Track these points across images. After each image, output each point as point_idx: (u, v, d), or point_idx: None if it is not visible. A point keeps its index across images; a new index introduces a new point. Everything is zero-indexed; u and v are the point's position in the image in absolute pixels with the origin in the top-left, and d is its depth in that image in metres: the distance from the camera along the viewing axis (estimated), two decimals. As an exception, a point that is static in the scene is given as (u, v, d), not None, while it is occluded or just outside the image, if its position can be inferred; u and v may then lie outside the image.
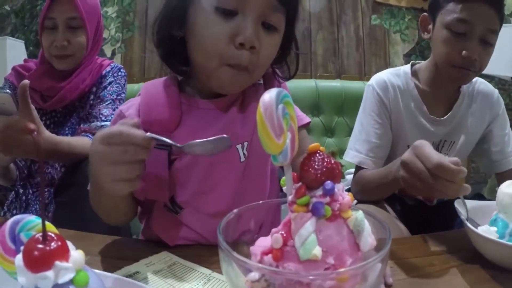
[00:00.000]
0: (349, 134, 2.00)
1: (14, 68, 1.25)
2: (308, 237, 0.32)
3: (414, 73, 1.11)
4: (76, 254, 0.33)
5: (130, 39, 2.40)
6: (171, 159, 0.70)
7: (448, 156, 0.68)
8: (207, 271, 0.60)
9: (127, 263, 0.61)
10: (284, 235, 0.34)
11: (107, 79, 1.23)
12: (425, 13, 1.07)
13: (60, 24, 1.16)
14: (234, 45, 0.63)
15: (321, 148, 0.36)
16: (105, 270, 0.57)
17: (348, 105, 1.93)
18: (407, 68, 1.12)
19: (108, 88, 1.21)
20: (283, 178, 0.37)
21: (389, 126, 1.08)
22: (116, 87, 1.22)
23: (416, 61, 1.15)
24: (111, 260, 0.63)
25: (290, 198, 0.36)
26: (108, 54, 2.38)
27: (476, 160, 1.24)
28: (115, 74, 1.24)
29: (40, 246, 0.32)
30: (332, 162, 0.35)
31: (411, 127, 1.08)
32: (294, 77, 0.82)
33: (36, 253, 0.31)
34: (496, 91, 1.14)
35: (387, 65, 2.49)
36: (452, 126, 1.09)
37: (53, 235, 0.32)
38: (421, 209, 1.15)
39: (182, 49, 0.70)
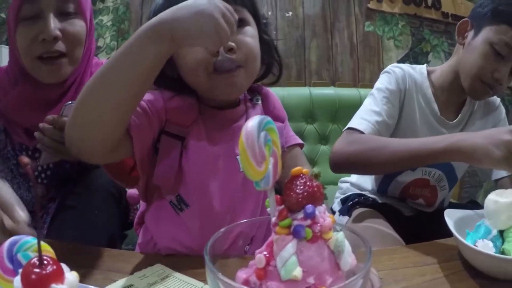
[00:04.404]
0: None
1: None
2: (289, 259, 0.34)
3: (428, 76, 1.12)
4: (71, 276, 0.35)
5: (125, 47, 2.42)
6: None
7: None
8: (199, 283, 0.61)
9: (121, 276, 0.63)
10: (267, 255, 0.36)
11: None
12: (466, 19, 1.07)
13: (46, 8, 0.81)
14: (214, 56, 0.68)
15: (304, 171, 0.38)
16: (99, 283, 0.59)
17: (342, 112, 1.93)
18: (423, 68, 1.13)
19: None
20: (267, 199, 0.39)
21: (397, 114, 1.06)
22: None
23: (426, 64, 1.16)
24: (105, 273, 0.64)
25: (273, 220, 0.38)
26: (104, 62, 2.40)
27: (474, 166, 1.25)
28: None
29: (37, 270, 0.34)
30: (314, 185, 0.37)
31: (421, 124, 1.09)
32: (289, 85, 0.85)
33: (33, 276, 0.34)
34: (498, 99, 1.17)
35: (380, 71, 2.50)
36: (459, 131, 1.11)
37: (49, 259, 0.34)
38: (418, 220, 1.15)
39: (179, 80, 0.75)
